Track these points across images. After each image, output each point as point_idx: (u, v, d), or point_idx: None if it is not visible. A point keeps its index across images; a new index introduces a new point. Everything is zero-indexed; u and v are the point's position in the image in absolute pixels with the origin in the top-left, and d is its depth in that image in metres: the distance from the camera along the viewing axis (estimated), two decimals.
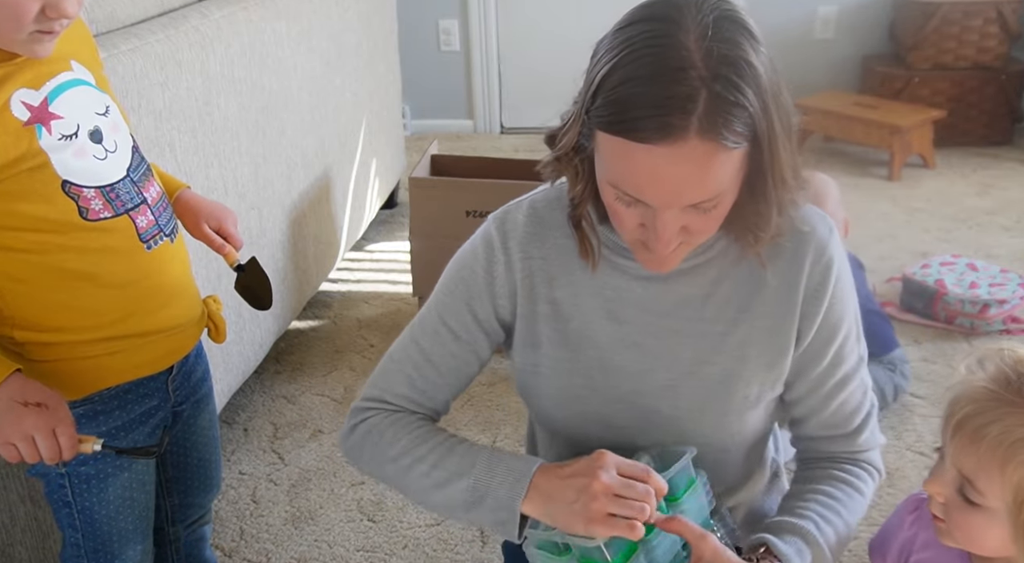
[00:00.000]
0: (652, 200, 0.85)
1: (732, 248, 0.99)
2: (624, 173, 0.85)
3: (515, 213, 1.04)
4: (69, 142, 1.04)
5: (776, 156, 0.86)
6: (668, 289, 1.00)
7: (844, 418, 1.07)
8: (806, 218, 0.98)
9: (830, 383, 1.04)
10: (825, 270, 0.99)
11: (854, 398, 1.07)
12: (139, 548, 1.28)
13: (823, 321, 1.00)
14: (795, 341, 1.02)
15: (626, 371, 1.02)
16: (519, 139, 4.21)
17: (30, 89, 1.01)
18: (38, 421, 1.01)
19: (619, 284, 1.01)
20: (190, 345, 1.26)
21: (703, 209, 0.86)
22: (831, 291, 1.00)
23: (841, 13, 4.06)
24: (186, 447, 1.34)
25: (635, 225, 0.90)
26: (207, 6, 1.83)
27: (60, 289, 1.08)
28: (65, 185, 1.04)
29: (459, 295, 1.05)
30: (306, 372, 2.39)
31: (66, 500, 1.20)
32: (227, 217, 1.29)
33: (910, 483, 1.90)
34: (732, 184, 0.86)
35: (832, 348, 1.02)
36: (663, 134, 0.80)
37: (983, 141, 3.84)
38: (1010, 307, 2.44)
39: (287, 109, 2.18)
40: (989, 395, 0.86)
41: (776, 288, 0.99)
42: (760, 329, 1.00)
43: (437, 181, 2.46)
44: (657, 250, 0.89)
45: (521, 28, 4.19)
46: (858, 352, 1.06)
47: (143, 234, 1.12)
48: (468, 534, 1.82)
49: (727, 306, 1.00)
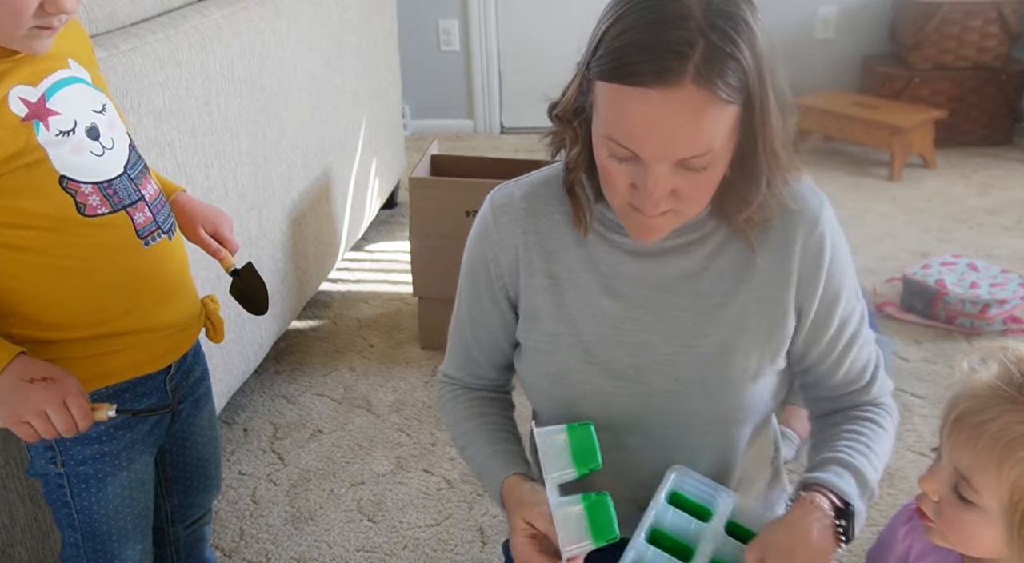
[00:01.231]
0: (644, 150, 0.86)
1: (723, 227, 1.00)
2: (619, 122, 0.87)
3: (511, 189, 1.07)
4: (66, 138, 1.04)
5: (768, 124, 0.88)
6: (663, 264, 1.02)
7: (856, 375, 1.09)
8: (796, 194, 0.99)
9: (840, 346, 1.06)
10: (819, 243, 1.00)
11: (863, 354, 1.09)
12: (138, 548, 1.27)
13: (824, 291, 1.02)
14: (798, 314, 1.03)
15: (625, 345, 1.03)
16: (519, 139, 4.21)
17: (28, 85, 1.02)
18: (47, 395, 1.02)
19: (614, 259, 1.02)
20: (188, 344, 1.26)
21: (694, 169, 0.88)
22: (827, 262, 1.01)
23: (841, 13, 4.06)
24: (185, 447, 1.34)
25: (626, 186, 0.91)
26: (207, 6, 1.83)
27: (57, 286, 1.08)
28: (63, 180, 1.05)
29: (471, 285, 1.11)
30: (306, 372, 2.39)
31: (65, 500, 1.20)
32: (223, 221, 1.29)
33: (910, 483, 1.90)
34: (724, 146, 0.88)
35: (837, 314, 1.04)
36: (659, 78, 0.82)
37: (983, 141, 3.84)
38: (1010, 307, 2.44)
39: (287, 109, 2.18)
40: (989, 392, 0.85)
41: (769, 262, 1.01)
42: (756, 300, 1.01)
43: (437, 181, 2.46)
44: (645, 209, 0.90)
45: (521, 28, 4.19)
46: (860, 310, 1.07)
47: (140, 230, 1.12)
48: (468, 534, 1.82)
49: (722, 279, 1.01)
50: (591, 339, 1.04)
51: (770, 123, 0.89)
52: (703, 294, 1.02)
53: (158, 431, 1.26)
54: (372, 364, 2.43)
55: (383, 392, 2.29)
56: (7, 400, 1.02)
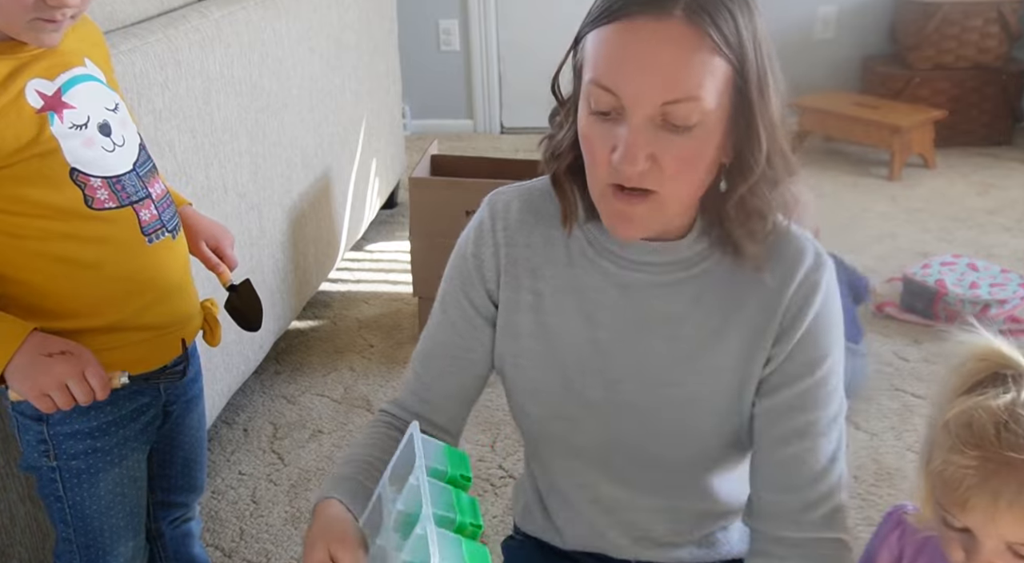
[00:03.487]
0: (628, 89, 0.82)
1: (718, 269, 0.95)
2: (604, 60, 0.84)
3: (509, 196, 1.03)
4: (79, 132, 1.07)
5: (766, 97, 0.85)
6: (645, 301, 0.97)
7: (808, 473, 0.94)
8: (797, 247, 0.95)
9: (795, 422, 0.94)
10: (811, 288, 0.93)
11: (823, 454, 0.94)
12: (130, 545, 1.28)
13: (800, 342, 0.93)
14: (766, 362, 0.95)
15: (600, 377, 0.99)
16: (519, 139, 4.21)
17: (44, 79, 1.05)
18: (67, 367, 1.05)
19: (598, 285, 0.98)
20: (184, 345, 1.26)
21: (677, 125, 0.83)
22: (812, 316, 0.93)
23: (841, 13, 4.06)
24: (172, 446, 1.35)
25: (606, 155, 0.85)
26: (207, 6, 1.83)
27: (59, 277, 1.10)
28: (73, 173, 1.07)
29: (455, 282, 1.04)
30: (306, 372, 2.39)
31: (57, 494, 1.21)
32: (224, 237, 1.32)
33: (911, 484, 1.90)
34: (711, 113, 0.83)
35: (805, 383, 0.94)
36: (648, 7, 0.81)
37: (983, 141, 3.84)
38: (1010, 307, 2.44)
39: (287, 109, 2.18)
40: None
41: (754, 311, 0.94)
42: (733, 355, 0.95)
43: (437, 181, 2.46)
44: (623, 169, 0.84)
45: (521, 28, 4.19)
46: (837, 404, 0.96)
47: (145, 227, 1.14)
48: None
49: (703, 327, 0.96)
50: (568, 363, 1.00)
51: (768, 97, 0.85)
52: (681, 340, 0.96)
53: (151, 429, 1.26)
54: (372, 364, 2.43)
55: (383, 392, 2.29)
56: (28, 374, 1.05)
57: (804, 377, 0.94)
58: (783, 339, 0.94)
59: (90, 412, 1.17)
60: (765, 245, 0.92)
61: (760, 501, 0.98)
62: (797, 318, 0.93)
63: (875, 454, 2.01)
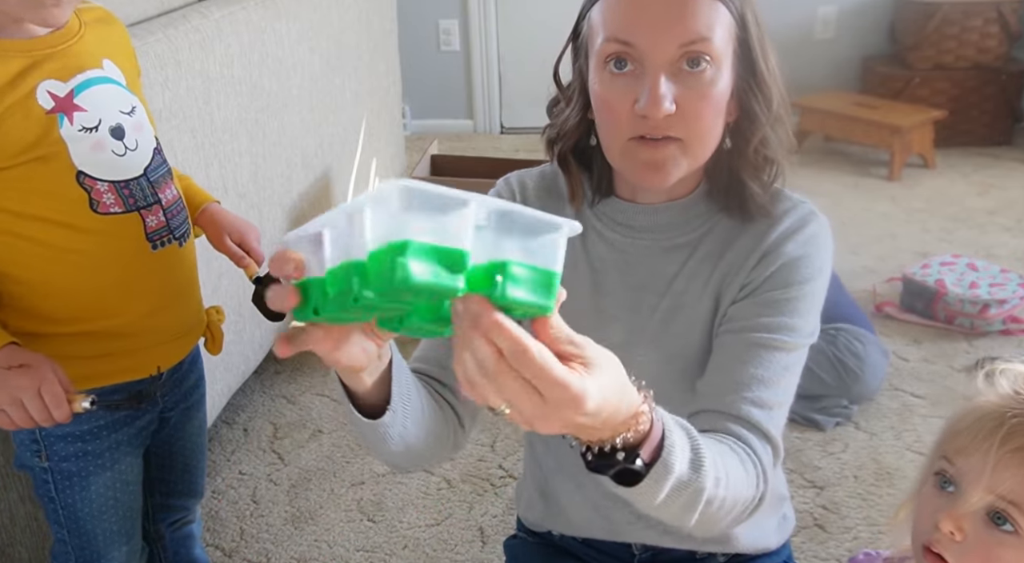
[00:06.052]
0: (646, 37, 0.87)
1: (718, 228, 0.98)
2: (619, 15, 0.88)
3: (524, 175, 1.09)
4: (88, 134, 1.06)
5: (767, 55, 0.91)
6: (646, 266, 1.00)
7: (745, 380, 0.91)
8: (791, 196, 0.99)
9: (754, 322, 0.93)
10: (799, 226, 0.95)
11: (769, 365, 0.91)
12: (124, 550, 1.28)
13: (780, 268, 0.94)
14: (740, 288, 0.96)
15: (604, 344, 0.99)
16: (519, 139, 4.21)
17: (57, 81, 1.04)
18: (21, 381, 0.99)
19: (604, 255, 1.02)
20: (182, 353, 1.26)
21: (695, 67, 0.87)
22: (798, 244, 0.94)
23: (841, 13, 4.06)
24: (171, 452, 1.34)
25: (628, 109, 0.88)
26: (207, 6, 1.83)
27: (60, 278, 1.09)
28: (80, 176, 1.06)
29: None
30: (306, 372, 2.39)
31: (50, 495, 1.21)
32: (249, 231, 1.31)
33: (910, 483, 1.90)
34: (722, 57, 0.88)
35: (773, 294, 0.93)
36: None
37: (983, 141, 3.84)
38: (1010, 307, 2.44)
39: (287, 109, 2.18)
40: None
41: (743, 248, 0.96)
42: (713, 298, 0.97)
43: (437, 181, 2.45)
44: (652, 113, 0.86)
45: (521, 28, 4.19)
46: (800, 335, 0.94)
47: (151, 234, 1.13)
48: (468, 534, 1.82)
49: (695, 279, 0.98)
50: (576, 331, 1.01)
51: (767, 48, 0.92)
52: (674, 294, 0.99)
53: (145, 434, 1.26)
54: None
55: None
56: None
57: (773, 290, 0.93)
58: (762, 264, 0.95)
59: (80, 415, 1.16)
60: (769, 194, 0.96)
61: (698, 389, 0.95)
62: (780, 245, 0.95)
63: (875, 454, 2.01)
